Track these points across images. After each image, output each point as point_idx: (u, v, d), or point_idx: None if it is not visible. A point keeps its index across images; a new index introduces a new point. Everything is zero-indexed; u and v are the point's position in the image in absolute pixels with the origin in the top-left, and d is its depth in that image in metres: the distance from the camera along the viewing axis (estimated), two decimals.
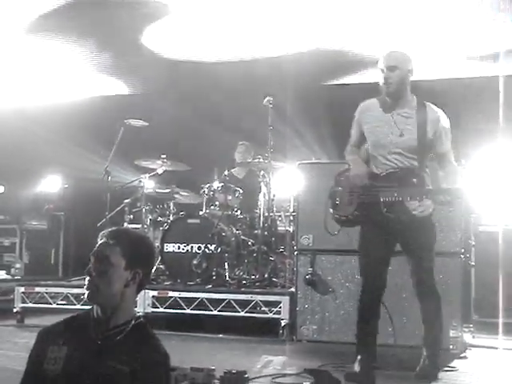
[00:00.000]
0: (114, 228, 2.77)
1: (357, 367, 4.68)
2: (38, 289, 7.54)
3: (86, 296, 2.66)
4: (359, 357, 4.71)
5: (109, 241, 2.67)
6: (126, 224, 8.35)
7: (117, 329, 2.63)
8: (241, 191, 7.89)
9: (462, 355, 5.81)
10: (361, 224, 4.84)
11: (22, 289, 7.52)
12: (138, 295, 2.76)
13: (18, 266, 9.46)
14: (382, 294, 4.80)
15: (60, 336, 2.67)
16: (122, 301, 2.64)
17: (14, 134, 9.74)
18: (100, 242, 2.68)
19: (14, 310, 7.48)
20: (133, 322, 2.66)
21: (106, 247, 2.65)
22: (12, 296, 7.72)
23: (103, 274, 2.62)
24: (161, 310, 7.05)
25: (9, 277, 9.09)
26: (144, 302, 7.02)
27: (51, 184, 10.42)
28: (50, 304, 7.48)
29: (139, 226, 8.18)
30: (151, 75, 9.77)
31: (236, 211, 7.93)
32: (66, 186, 10.33)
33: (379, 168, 4.76)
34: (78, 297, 7.37)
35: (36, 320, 7.57)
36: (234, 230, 7.78)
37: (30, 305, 7.50)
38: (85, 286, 2.65)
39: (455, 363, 5.43)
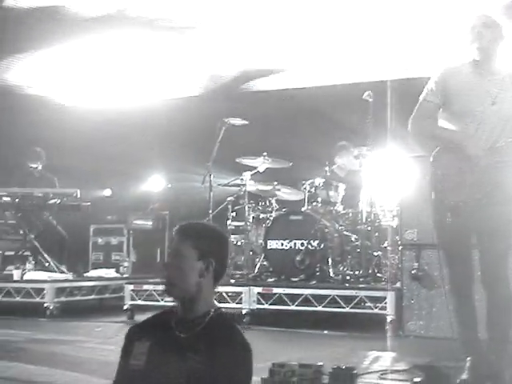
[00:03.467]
0: (184, 222, 2.83)
1: (465, 374, 4.22)
2: (146, 286, 7.73)
3: (164, 290, 2.74)
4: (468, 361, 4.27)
5: (180, 235, 2.75)
6: (229, 222, 8.45)
7: (196, 321, 2.67)
8: (343, 186, 7.85)
9: None
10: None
11: (131, 286, 7.73)
12: (216, 287, 2.77)
13: (126, 264, 9.74)
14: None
15: (145, 332, 2.76)
16: (198, 292, 2.68)
17: (117, 139, 10.02)
18: (174, 237, 2.77)
19: (124, 308, 7.69)
20: (212, 313, 2.68)
21: (178, 241, 2.73)
22: (122, 294, 7.96)
23: (177, 267, 2.69)
24: (265, 306, 7.11)
25: (118, 275, 9.36)
26: (249, 299, 7.10)
27: (155, 184, 10.68)
28: (158, 301, 7.65)
29: (242, 223, 8.25)
30: None
31: (338, 207, 7.89)
32: (170, 185, 10.55)
33: None
34: None
35: (145, 317, 7.75)
36: (337, 226, 7.75)
37: (139, 302, 7.69)
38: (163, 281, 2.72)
39: None
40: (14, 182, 9.16)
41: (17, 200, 8.72)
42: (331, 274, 7.35)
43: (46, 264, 8.66)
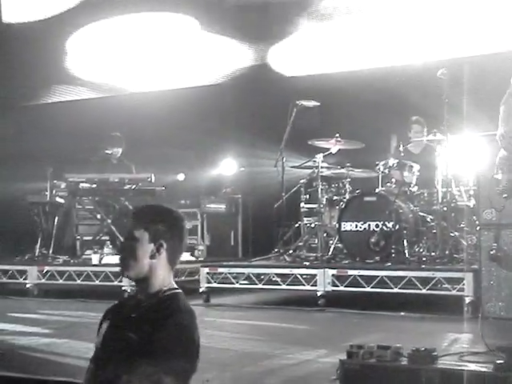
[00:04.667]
0: (139, 206, 2.96)
1: None
2: (221, 269, 7.80)
3: (119, 271, 2.86)
4: None
5: (133, 218, 2.86)
6: (302, 204, 8.43)
7: (148, 301, 2.79)
8: (417, 167, 7.73)
9: None
10: None
11: (207, 270, 7.80)
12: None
13: (200, 247, 9.84)
14: None
15: (111, 313, 2.90)
16: (150, 273, 2.78)
17: (190, 124, 10.11)
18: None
19: (200, 290, 7.77)
20: (161, 293, 2.77)
21: (131, 224, 2.84)
22: (197, 277, 8.04)
23: (130, 249, 2.79)
24: (341, 288, 7.08)
25: (193, 258, 9.47)
26: (324, 281, 7.09)
27: (228, 168, 10.74)
28: (233, 284, 7.72)
29: (315, 205, 8.22)
30: None
31: (413, 187, 7.78)
32: (242, 168, 10.60)
33: None
34: (258, 276, 7.57)
35: (221, 299, 7.86)
36: (412, 207, 7.64)
37: (215, 285, 7.76)
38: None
39: None
40: (93, 168, 9.36)
41: (94, 186, 8.90)
42: (407, 256, 7.26)
43: None
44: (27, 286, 8.57)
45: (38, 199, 9.34)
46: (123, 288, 7.86)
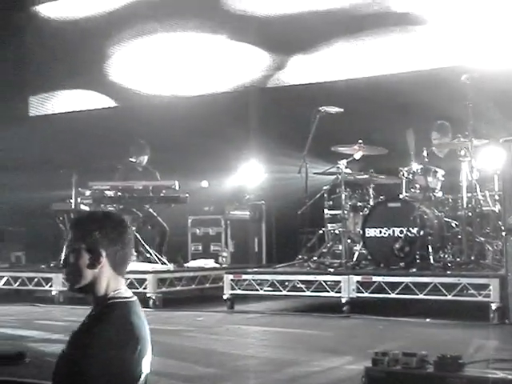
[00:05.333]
0: (76, 216, 2.82)
1: None
2: (245, 276, 7.80)
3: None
4: None
5: (70, 229, 2.74)
6: (326, 210, 8.42)
7: (93, 311, 2.68)
8: (442, 172, 7.69)
9: None
10: None
11: (231, 276, 7.80)
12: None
13: (224, 254, 9.86)
14: None
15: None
16: (92, 283, 2.66)
17: (212, 131, 10.16)
18: None
19: (224, 297, 7.77)
20: (105, 302, 2.65)
21: (69, 236, 2.71)
22: (221, 284, 8.05)
23: (70, 262, 2.67)
24: (365, 294, 7.05)
25: (217, 265, 9.49)
26: (349, 288, 7.06)
27: (251, 174, 10.74)
28: (257, 291, 7.71)
29: (339, 211, 8.20)
30: None
31: (437, 193, 7.73)
32: (266, 175, 10.59)
33: None
34: (283, 283, 7.55)
35: (245, 306, 7.86)
36: (437, 212, 7.59)
37: (239, 291, 7.76)
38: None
39: None
40: (118, 176, 9.41)
41: (119, 193, 8.95)
42: (432, 261, 7.20)
43: (148, 255, 8.86)
44: (52, 293, 8.63)
45: (62, 207, 9.40)
46: (148, 295, 7.89)
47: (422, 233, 7.25)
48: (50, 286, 8.67)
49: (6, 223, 9.98)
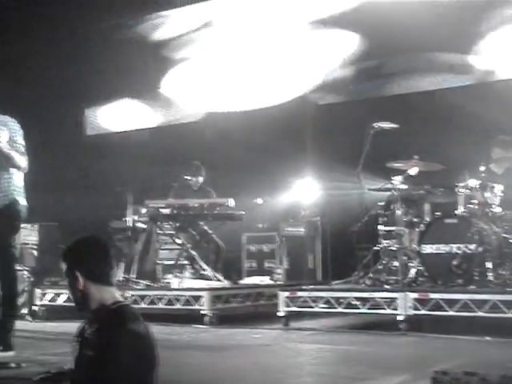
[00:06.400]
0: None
1: None
2: (300, 293, 7.78)
3: None
4: None
5: (62, 256, 3.22)
6: (380, 227, 8.36)
7: (94, 321, 3.07)
8: (500, 187, 7.56)
9: None
10: None
11: (286, 293, 7.79)
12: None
13: (279, 271, 9.85)
14: None
15: (79, 335, 3.20)
16: (86, 299, 3.11)
17: (267, 148, 10.21)
18: None
19: (279, 314, 7.76)
20: (103, 310, 3.06)
21: (63, 262, 3.21)
22: (276, 301, 8.04)
23: (68, 286, 3.19)
24: (422, 312, 6.97)
25: (272, 282, 9.49)
26: (405, 305, 6.99)
27: (306, 191, 10.74)
28: (312, 308, 7.69)
29: (394, 228, 8.13)
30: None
31: (495, 208, 7.61)
32: (320, 191, 10.58)
33: None
34: (338, 300, 7.52)
35: (300, 323, 7.84)
36: (495, 228, 7.47)
37: (294, 308, 7.74)
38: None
39: None
40: (173, 194, 9.53)
41: (174, 211, 9.04)
42: (491, 278, 7.09)
43: (203, 272, 8.92)
44: None
45: (119, 225, 9.54)
46: (203, 312, 7.93)
47: (480, 249, 7.14)
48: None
49: (65, 242, 10.14)
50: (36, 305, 9.05)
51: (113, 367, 2.88)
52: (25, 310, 8.81)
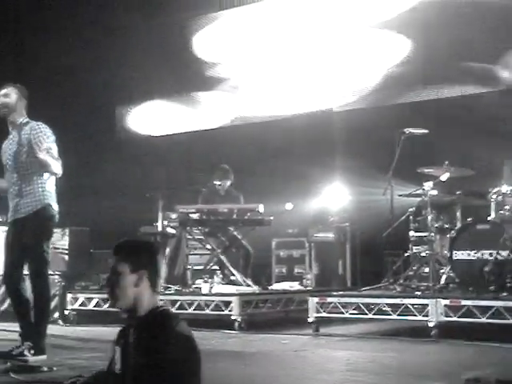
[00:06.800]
0: (119, 241, 3.26)
1: None
2: (330, 299, 7.75)
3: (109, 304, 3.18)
4: None
5: (114, 253, 3.20)
6: (411, 233, 8.31)
7: (140, 325, 3.11)
8: None
9: None
10: None
11: (316, 299, 7.77)
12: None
13: (308, 276, 9.84)
14: None
15: (119, 339, 3.23)
16: (136, 300, 3.14)
17: (296, 154, 10.21)
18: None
19: (309, 320, 7.74)
20: (149, 314, 3.11)
21: (114, 259, 3.19)
22: (305, 306, 8.02)
23: (115, 282, 3.15)
24: (454, 318, 6.90)
25: (302, 288, 9.47)
26: (436, 311, 6.94)
27: (335, 197, 10.71)
28: (343, 314, 7.66)
29: (425, 234, 8.09)
30: None
31: None
32: (350, 197, 10.55)
33: None
34: (368, 306, 7.48)
35: (330, 329, 7.81)
36: None
37: (324, 314, 7.72)
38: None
39: None
40: (201, 199, 9.56)
41: (203, 216, 9.07)
42: None
43: (233, 277, 8.93)
44: None
45: (149, 230, 9.59)
46: (233, 317, 7.94)
47: None
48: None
49: (96, 246, 10.23)
50: (67, 309, 9.12)
51: (171, 368, 2.95)
52: (56, 315, 8.88)
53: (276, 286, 9.63)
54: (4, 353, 5.67)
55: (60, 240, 9.82)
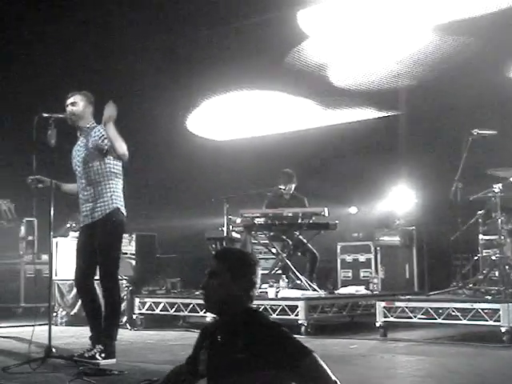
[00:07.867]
0: (221, 248, 3.16)
1: None
2: (398, 303, 7.66)
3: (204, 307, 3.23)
4: None
5: (217, 259, 3.24)
6: (480, 236, 8.16)
7: (230, 324, 3.16)
8: None
9: None
10: None
11: (383, 304, 7.69)
12: None
13: (375, 281, 9.75)
14: None
15: (207, 341, 3.27)
16: (231, 306, 3.17)
17: (360, 157, 10.13)
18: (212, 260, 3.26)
19: (377, 325, 7.67)
20: (240, 315, 3.15)
21: (215, 264, 3.22)
22: (372, 311, 7.94)
23: (214, 288, 3.19)
24: None
25: (368, 292, 9.39)
26: (508, 316, 6.77)
27: (401, 200, 10.60)
28: (411, 318, 7.56)
29: (495, 237, 7.92)
30: None
31: None
32: (416, 200, 10.42)
33: None
34: (437, 311, 7.35)
35: (397, 334, 7.72)
36: None
37: (391, 319, 7.63)
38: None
39: None
40: (266, 204, 9.57)
41: (268, 221, 9.08)
42: None
43: (299, 282, 8.91)
44: (207, 319, 8.80)
45: (215, 234, 9.66)
46: (300, 322, 7.91)
47: None
48: (205, 312, 8.84)
49: (163, 251, 10.35)
50: (135, 313, 9.23)
51: (276, 364, 3.01)
52: (124, 319, 8.99)
53: (342, 291, 9.56)
54: (76, 356, 5.77)
55: (127, 245, 9.95)
